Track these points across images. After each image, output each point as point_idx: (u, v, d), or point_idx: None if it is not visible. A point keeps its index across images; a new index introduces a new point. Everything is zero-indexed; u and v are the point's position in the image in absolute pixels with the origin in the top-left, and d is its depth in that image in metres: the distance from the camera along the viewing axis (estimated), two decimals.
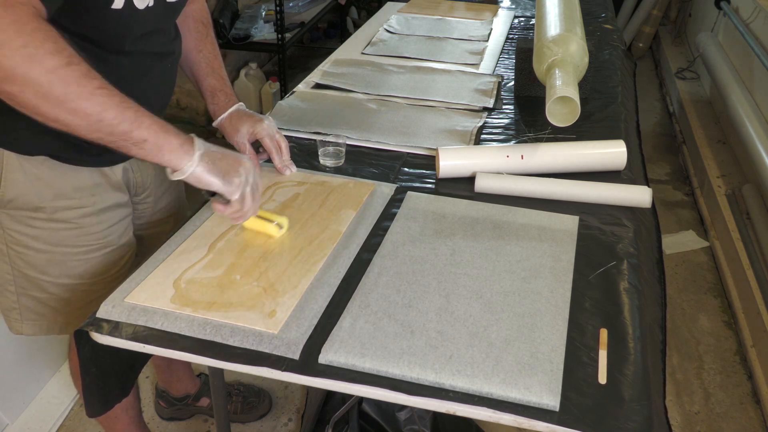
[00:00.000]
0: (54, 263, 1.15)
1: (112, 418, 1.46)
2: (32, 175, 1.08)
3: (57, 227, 1.12)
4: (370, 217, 1.15)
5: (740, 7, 3.13)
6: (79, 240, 1.15)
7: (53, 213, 1.11)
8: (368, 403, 1.52)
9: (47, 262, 1.15)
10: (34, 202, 1.09)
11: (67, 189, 1.11)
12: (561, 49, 1.37)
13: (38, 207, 1.10)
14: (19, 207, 1.09)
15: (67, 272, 1.17)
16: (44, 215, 1.11)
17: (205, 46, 1.28)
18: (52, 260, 1.15)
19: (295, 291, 0.96)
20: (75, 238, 1.15)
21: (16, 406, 1.78)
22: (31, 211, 1.10)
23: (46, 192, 1.09)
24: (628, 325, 0.93)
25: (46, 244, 1.13)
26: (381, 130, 1.44)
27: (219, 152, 1.01)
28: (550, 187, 1.21)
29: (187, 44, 1.26)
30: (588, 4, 2.33)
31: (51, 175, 1.09)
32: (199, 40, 1.27)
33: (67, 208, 1.12)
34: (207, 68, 1.27)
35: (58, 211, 1.11)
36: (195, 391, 1.79)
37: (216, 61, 1.29)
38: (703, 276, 2.45)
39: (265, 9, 3.54)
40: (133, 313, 0.92)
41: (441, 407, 0.82)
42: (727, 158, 2.91)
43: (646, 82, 4.09)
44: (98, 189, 1.15)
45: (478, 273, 1.01)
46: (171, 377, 1.76)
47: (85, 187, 1.13)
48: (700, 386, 1.98)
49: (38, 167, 1.07)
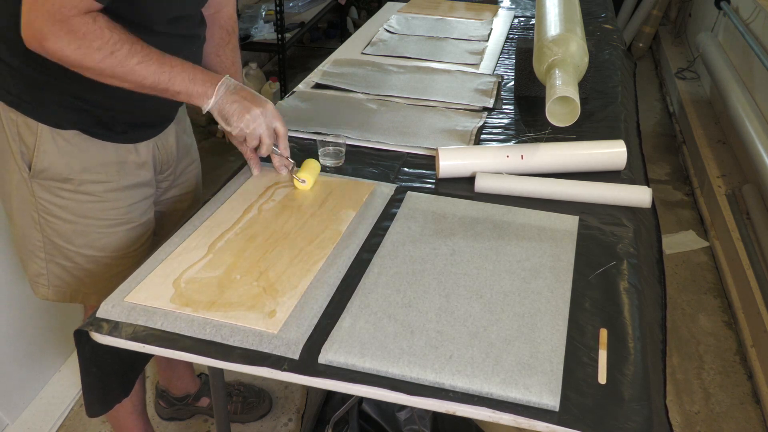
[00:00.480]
0: (79, 233, 1.23)
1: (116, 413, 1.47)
2: (63, 148, 1.16)
3: (83, 199, 1.20)
4: (370, 217, 1.15)
5: (740, 7, 3.13)
6: (103, 213, 1.23)
7: (80, 185, 1.19)
8: (368, 403, 1.52)
9: (73, 232, 1.22)
10: (63, 174, 1.17)
11: (94, 163, 1.19)
12: (561, 49, 1.37)
13: (67, 178, 1.18)
14: (50, 177, 1.17)
15: (91, 243, 1.24)
16: (72, 186, 1.19)
17: (224, 52, 1.36)
18: (77, 230, 1.22)
19: (294, 291, 0.96)
20: (99, 211, 1.22)
21: (16, 406, 1.78)
22: (60, 182, 1.18)
23: (75, 164, 1.17)
24: (628, 325, 0.93)
25: (73, 214, 1.21)
26: (381, 130, 1.44)
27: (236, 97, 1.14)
28: (550, 187, 1.21)
29: (207, 48, 1.33)
30: (588, 4, 2.33)
31: (80, 149, 1.17)
32: (219, 46, 1.35)
33: (94, 181, 1.20)
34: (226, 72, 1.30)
35: (84, 184, 1.19)
36: (195, 391, 1.79)
37: (233, 67, 1.36)
38: (703, 276, 2.45)
39: (265, 9, 3.54)
40: (133, 312, 0.92)
41: (441, 407, 0.82)
42: (727, 158, 2.91)
43: (646, 82, 4.09)
44: (123, 166, 1.22)
45: (478, 273, 1.01)
46: (172, 376, 1.77)
47: (111, 163, 1.21)
48: (700, 386, 1.98)
49: (69, 140, 1.16)
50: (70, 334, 1.13)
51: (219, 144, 3.19)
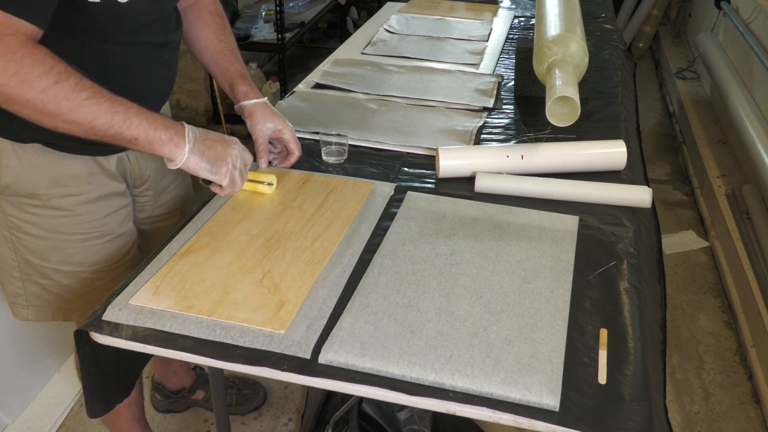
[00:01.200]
0: (53, 250, 1.17)
1: (114, 413, 1.46)
2: (26, 162, 1.09)
3: (53, 214, 1.14)
4: (371, 217, 1.15)
5: (740, 7, 3.13)
6: (75, 227, 1.16)
7: (48, 200, 1.12)
8: (368, 403, 1.52)
9: (46, 248, 1.16)
10: (29, 189, 1.11)
11: (62, 176, 1.12)
12: (561, 49, 1.37)
13: (33, 193, 1.11)
14: (16, 193, 1.11)
15: (67, 259, 1.18)
16: (40, 202, 1.12)
17: (226, 36, 1.30)
18: (50, 247, 1.17)
19: (300, 291, 0.96)
20: (72, 226, 1.16)
21: (17, 406, 1.78)
22: (27, 198, 1.12)
23: (41, 179, 1.11)
24: (628, 325, 0.93)
25: (44, 230, 1.15)
26: (381, 130, 1.44)
27: (209, 141, 1.06)
28: (550, 187, 1.21)
29: (206, 36, 1.27)
30: (588, 4, 2.33)
31: (45, 162, 1.10)
32: (219, 30, 1.29)
33: (63, 195, 1.13)
34: (232, 56, 1.28)
35: (53, 198, 1.13)
36: (190, 384, 1.80)
37: (237, 50, 1.31)
38: (703, 276, 2.45)
39: (265, 9, 3.54)
40: (141, 315, 0.92)
41: (441, 407, 0.82)
42: (727, 158, 2.91)
43: (646, 82, 4.09)
44: (94, 177, 1.16)
45: (478, 273, 1.01)
46: (168, 369, 1.78)
47: (80, 175, 1.14)
48: (700, 386, 1.98)
49: (32, 154, 1.09)
50: (70, 334, 1.13)
51: None
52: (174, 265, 1.00)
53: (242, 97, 1.26)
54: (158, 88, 1.19)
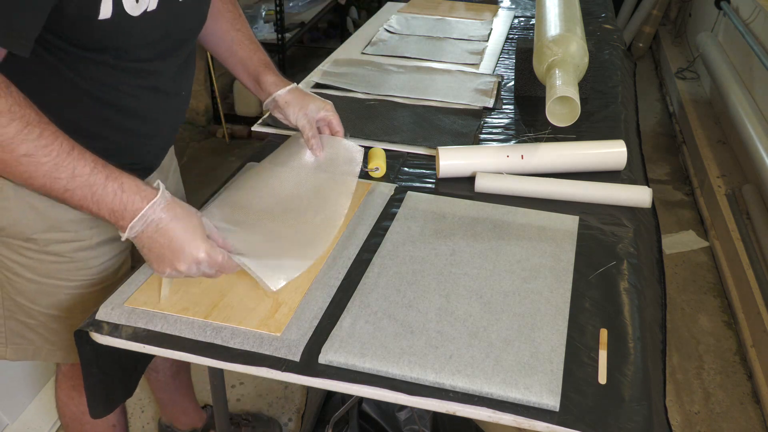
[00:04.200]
0: (44, 294, 1.10)
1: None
2: (26, 204, 1.02)
3: (49, 259, 1.07)
4: (370, 217, 1.15)
5: (740, 7, 3.13)
6: (71, 274, 1.09)
7: (45, 245, 1.05)
8: (368, 403, 1.52)
9: (37, 292, 1.09)
10: (25, 233, 1.04)
11: (61, 221, 1.04)
12: (561, 49, 1.37)
13: (30, 238, 1.04)
14: (11, 236, 1.04)
15: (57, 305, 1.11)
16: (36, 246, 1.05)
17: (242, 25, 1.22)
18: (41, 291, 1.09)
19: (295, 292, 0.96)
20: (67, 272, 1.09)
21: (16, 406, 1.78)
22: (22, 241, 1.05)
23: (39, 223, 1.03)
24: (628, 325, 0.93)
25: (37, 275, 1.08)
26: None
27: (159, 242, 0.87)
28: (550, 187, 1.21)
29: (221, 26, 1.19)
30: (588, 4, 2.33)
31: (45, 206, 1.02)
32: (234, 19, 1.20)
33: (61, 241, 1.06)
34: (252, 44, 1.20)
35: (50, 244, 1.05)
36: (202, 425, 1.69)
37: (255, 38, 1.23)
38: (703, 276, 2.45)
39: (265, 9, 3.54)
40: (132, 315, 0.92)
41: (441, 407, 0.82)
42: (727, 158, 2.91)
43: (646, 82, 4.09)
44: (97, 221, 1.05)
45: (478, 273, 1.01)
46: (175, 411, 1.67)
47: (83, 220, 1.06)
48: (700, 386, 1.98)
49: (32, 196, 1.01)
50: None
51: (219, 144, 3.19)
52: None
53: (272, 88, 1.17)
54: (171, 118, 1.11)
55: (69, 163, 0.82)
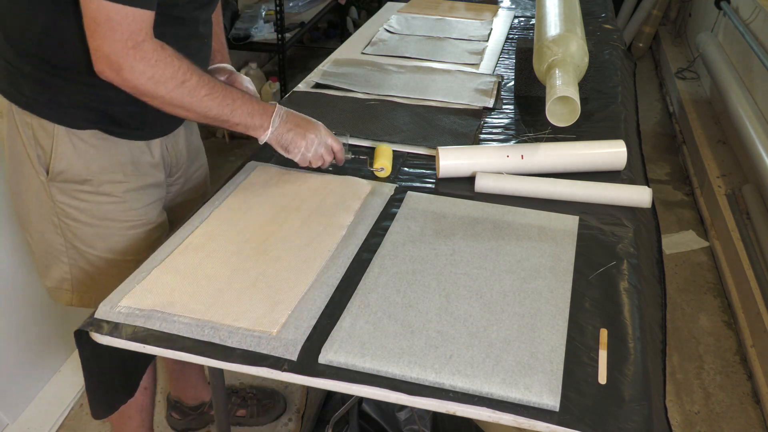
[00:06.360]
0: (100, 237, 1.22)
1: (125, 417, 1.44)
2: (80, 149, 1.15)
3: (103, 200, 1.20)
4: (370, 217, 1.15)
5: (740, 7, 3.13)
6: (123, 214, 1.22)
7: (99, 186, 1.18)
8: (368, 403, 1.52)
9: (94, 235, 1.21)
10: (82, 175, 1.16)
11: (112, 163, 1.18)
12: (561, 49, 1.37)
13: (85, 179, 1.17)
14: (68, 179, 1.16)
15: (112, 246, 1.24)
16: (91, 188, 1.18)
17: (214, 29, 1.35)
18: (98, 234, 1.22)
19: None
20: (119, 213, 1.22)
21: (17, 406, 1.78)
22: (78, 184, 1.17)
23: (93, 165, 1.17)
24: (628, 325, 0.93)
25: (92, 217, 1.20)
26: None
27: (290, 125, 1.19)
28: (550, 187, 1.21)
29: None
30: (588, 4, 2.33)
31: (97, 149, 1.16)
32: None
33: (112, 181, 1.19)
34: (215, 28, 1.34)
35: (104, 184, 1.19)
36: (210, 399, 1.75)
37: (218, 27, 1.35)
38: (703, 276, 2.45)
39: (265, 9, 3.54)
40: (131, 314, 0.92)
41: (441, 407, 0.82)
42: (727, 158, 2.91)
43: (646, 82, 4.09)
44: (138, 167, 1.22)
45: (478, 273, 1.01)
46: (185, 385, 1.73)
47: (126, 163, 1.20)
48: (700, 386, 1.98)
49: (86, 141, 1.15)
50: (70, 334, 1.13)
51: (219, 144, 3.19)
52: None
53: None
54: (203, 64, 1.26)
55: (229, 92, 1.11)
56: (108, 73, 1.01)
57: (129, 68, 0.99)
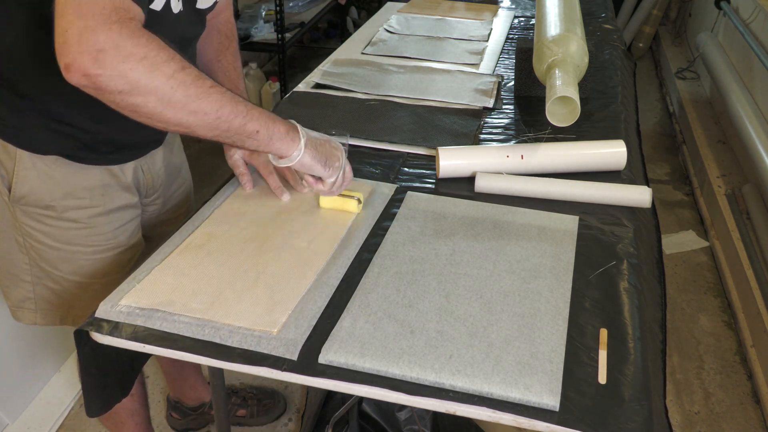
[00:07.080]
0: (65, 260, 1.18)
1: (118, 423, 1.44)
2: (44, 174, 1.09)
3: (67, 226, 1.14)
4: (370, 217, 1.15)
5: (740, 7, 3.13)
6: (88, 239, 1.17)
7: (63, 212, 1.13)
8: (368, 403, 1.52)
9: (58, 258, 1.17)
10: (44, 200, 1.11)
11: (77, 188, 1.13)
12: (561, 49, 1.37)
13: (48, 205, 1.12)
14: (31, 204, 1.12)
15: (78, 270, 1.19)
16: (54, 213, 1.13)
17: (225, 57, 1.28)
18: (62, 257, 1.17)
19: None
20: (85, 238, 1.17)
21: (17, 406, 1.78)
22: (42, 209, 1.12)
23: (56, 191, 1.11)
24: (628, 325, 0.93)
25: (57, 241, 1.16)
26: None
27: (319, 138, 1.06)
28: (550, 187, 1.21)
29: (207, 54, 1.27)
30: (588, 4, 2.33)
31: (62, 174, 1.10)
32: (219, 51, 1.28)
33: (77, 207, 1.14)
34: (223, 78, 1.27)
35: (67, 210, 1.13)
36: (210, 399, 1.75)
37: (234, 72, 1.29)
38: (703, 276, 2.45)
39: (265, 9, 3.54)
40: (132, 313, 0.92)
41: (441, 407, 0.82)
42: (727, 158, 2.91)
43: (646, 82, 4.09)
44: (108, 189, 1.16)
45: (478, 273, 1.01)
46: (183, 385, 1.73)
47: (95, 187, 1.14)
48: (700, 386, 1.98)
49: (50, 166, 1.09)
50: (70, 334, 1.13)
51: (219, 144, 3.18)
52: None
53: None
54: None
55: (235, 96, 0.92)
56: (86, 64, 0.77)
57: (114, 47, 0.77)
